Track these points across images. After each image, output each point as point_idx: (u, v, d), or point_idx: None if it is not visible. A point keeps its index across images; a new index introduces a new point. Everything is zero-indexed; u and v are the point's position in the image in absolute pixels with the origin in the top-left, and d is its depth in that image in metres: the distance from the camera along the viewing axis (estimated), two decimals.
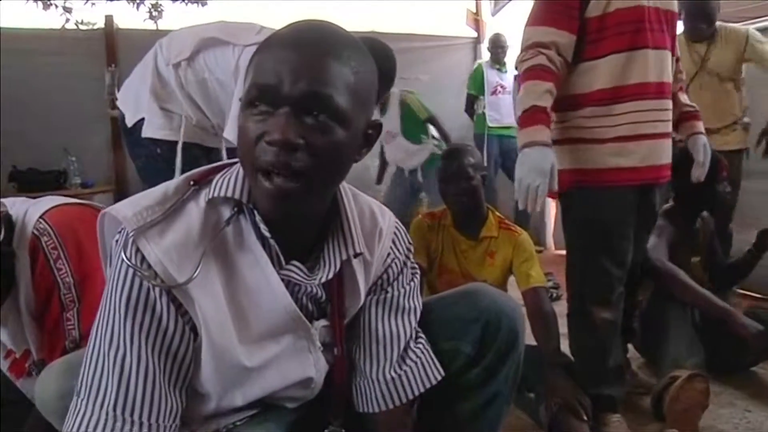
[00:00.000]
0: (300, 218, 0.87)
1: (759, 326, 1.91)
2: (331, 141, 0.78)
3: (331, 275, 0.90)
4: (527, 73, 1.62)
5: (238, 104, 1.25)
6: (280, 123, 0.75)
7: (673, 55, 1.73)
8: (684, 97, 1.91)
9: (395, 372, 1.00)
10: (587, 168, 1.68)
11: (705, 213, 2.34)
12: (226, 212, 0.86)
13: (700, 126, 1.88)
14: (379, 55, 1.70)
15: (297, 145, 0.75)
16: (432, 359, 1.03)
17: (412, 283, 1.04)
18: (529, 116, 1.59)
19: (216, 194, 0.84)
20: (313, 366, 0.95)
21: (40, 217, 1.29)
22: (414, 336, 1.04)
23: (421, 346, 1.03)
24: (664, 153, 1.71)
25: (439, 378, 1.03)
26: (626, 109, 1.63)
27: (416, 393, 1.01)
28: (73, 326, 1.26)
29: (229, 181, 0.85)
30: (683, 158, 1.86)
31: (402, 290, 1.02)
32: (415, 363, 1.02)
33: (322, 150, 0.77)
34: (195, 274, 0.79)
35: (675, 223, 2.19)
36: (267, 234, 0.84)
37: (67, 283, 1.26)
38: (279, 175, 0.75)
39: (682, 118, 1.88)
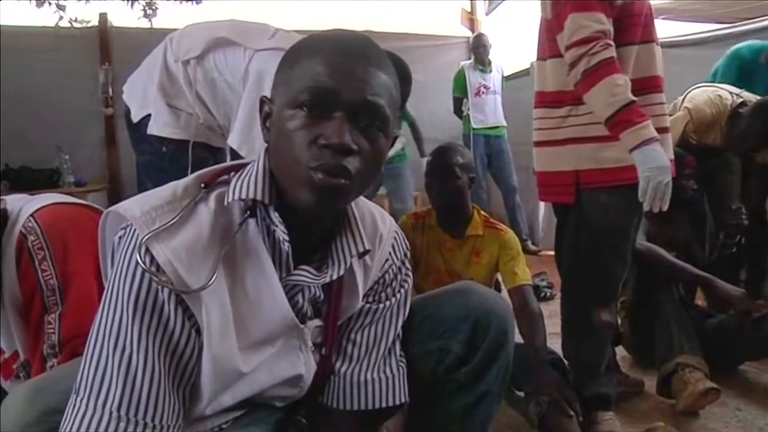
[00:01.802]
0: (322, 219, 0.89)
1: (741, 290, 2.03)
2: (377, 147, 0.82)
3: (342, 272, 0.91)
4: (605, 67, 1.48)
5: (246, 111, 1.23)
6: (337, 127, 0.77)
7: None
8: None
9: (364, 377, 1.01)
10: (603, 168, 1.61)
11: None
12: (237, 215, 0.85)
13: None
14: (401, 76, 1.69)
15: (353, 149, 0.78)
16: (403, 382, 1.04)
17: (401, 291, 1.04)
18: (635, 112, 1.48)
19: (236, 197, 0.84)
20: (304, 365, 0.95)
21: (31, 215, 1.27)
22: (396, 352, 1.05)
23: (402, 366, 1.04)
24: (669, 147, 1.64)
25: (402, 402, 1.03)
26: (649, 101, 1.57)
27: (376, 406, 1.01)
28: (54, 330, 1.23)
29: (248, 183, 0.85)
30: None
31: (393, 299, 1.03)
32: (387, 378, 1.02)
33: (369, 156, 0.81)
34: (211, 281, 0.79)
35: (648, 216, 2.22)
36: (285, 237, 0.84)
37: (50, 285, 1.24)
38: (332, 174, 0.78)
39: None
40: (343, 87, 0.78)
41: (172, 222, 0.80)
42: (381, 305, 1.02)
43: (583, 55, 1.49)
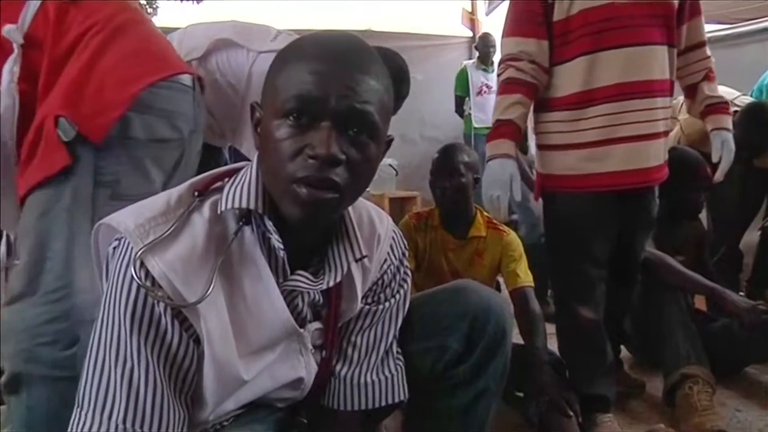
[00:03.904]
0: (316, 227, 0.87)
1: (749, 301, 2.00)
2: (366, 156, 0.80)
3: (339, 279, 0.90)
4: (499, 89, 1.69)
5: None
6: (323, 137, 0.74)
7: (672, 46, 1.64)
8: (708, 87, 1.81)
9: (365, 379, 1.01)
10: (559, 174, 1.69)
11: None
12: (232, 223, 0.84)
13: (724, 120, 1.79)
14: (398, 75, 1.69)
15: (340, 160, 0.76)
16: (403, 380, 1.04)
17: (401, 292, 1.04)
18: (493, 130, 1.67)
19: (229, 206, 0.83)
20: (304, 368, 0.94)
21: None
22: (394, 351, 1.05)
23: (399, 364, 1.05)
24: (650, 155, 1.64)
25: (402, 400, 1.04)
26: (599, 112, 1.59)
27: (376, 405, 1.02)
28: None
29: (241, 191, 0.83)
30: None
31: (392, 300, 1.03)
32: (387, 378, 1.02)
33: (358, 165, 0.79)
34: (207, 293, 0.78)
35: (657, 223, 2.23)
36: (279, 245, 0.83)
37: None
38: (318, 187, 0.76)
39: (706, 111, 1.81)
40: (329, 95, 0.75)
41: (166, 234, 0.79)
42: (381, 306, 1.01)
43: (497, 75, 1.73)
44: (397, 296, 1.03)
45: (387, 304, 1.02)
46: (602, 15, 1.56)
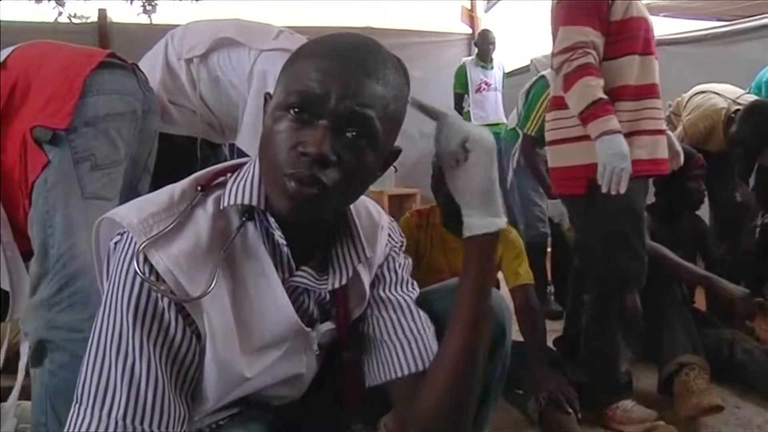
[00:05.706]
0: (313, 223, 0.87)
1: (744, 290, 2.04)
2: (361, 161, 0.79)
3: (344, 281, 0.90)
4: (581, 71, 1.71)
5: (252, 113, 1.26)
6: (318, 136, 0.74)
7: None
8: None
9: (410, 334, 0.95)
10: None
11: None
12: (235, 218, 0.84)
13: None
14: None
15: (331, 161, 0.75)
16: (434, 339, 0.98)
17: (405, 261, 1.04)
18: (600, 107, 1.69)
19: (231, 202, 0.83)
20: (305, 365, 0.94)
21: None
22: (421, 313, 1.00)
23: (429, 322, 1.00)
24: (664, 148, 1.85)
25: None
26: (645, 105, 1.78)
27: (417, 367, 0.93)
28: None
29: (244, 187, 0.83)
30: None
31: (398, 270, 1.02)
32: (427, 330, 0.97)
33: (351, 168, 0.78)
34: (211, 288, 0.78)
35: (654, 215, 2.29)
36: (282, 241, 0.83)
37: None
38: (305, 184, 0.75)
39: None
40: (330, 94, 0.74)
41: (169, 228, 0.79)
42: (388, 277, 1.01)
43: (564, 61, 1.75)
44: (402, 263, 1.04)
45: (394, 274, 1.01)
46: (645, 24, 1.79)
